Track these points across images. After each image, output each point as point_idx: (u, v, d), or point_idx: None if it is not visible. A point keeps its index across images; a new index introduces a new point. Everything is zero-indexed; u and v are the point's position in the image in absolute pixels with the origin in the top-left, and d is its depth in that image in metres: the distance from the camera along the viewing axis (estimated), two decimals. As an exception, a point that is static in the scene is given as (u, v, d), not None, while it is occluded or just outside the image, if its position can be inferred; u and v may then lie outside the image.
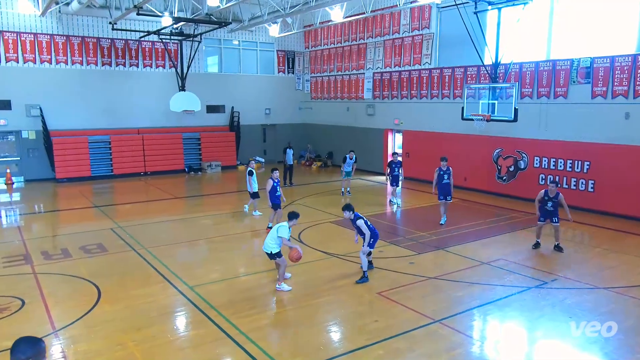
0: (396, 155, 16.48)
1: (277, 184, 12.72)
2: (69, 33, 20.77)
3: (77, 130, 21.23)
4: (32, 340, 3.22)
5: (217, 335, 7.10)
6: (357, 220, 9.33)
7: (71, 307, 8.11)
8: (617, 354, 6.56)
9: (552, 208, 10.88)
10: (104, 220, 14.03)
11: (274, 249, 8.75)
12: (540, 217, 11.11)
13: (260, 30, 25.15)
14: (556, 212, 10.88)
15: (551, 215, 10.92)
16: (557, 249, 10.86)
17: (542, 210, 11.02)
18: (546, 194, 10.89)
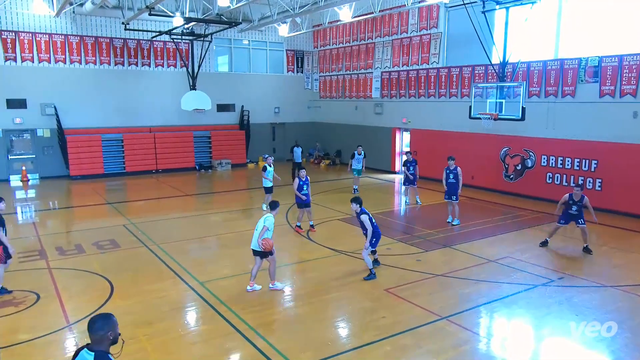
0: (409, 154, 16.17)
1: (302, 182, 12.29)
2: (83, 33, 20.91)
3: (91, 128, 21.39)
4: (106, 316, 3.58)
5: (227, 330, 7.13)
6: (362, 215, 9.19)
7: (85, 301, 8.18)
8: (624, 352, 6.50)
9: (577, 212, 10.59)
10: (116, 217, 14.13)
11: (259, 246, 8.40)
12: (560, 219, 10.85)
13: (270, 30, 25.16)
14: (581, 215, 10.58)
15: (575, 219, 10.63)
16: (586, 251, 10.53)
17: (565, 213, 10.75)
18: (571, 198, 10.61)
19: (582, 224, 10.60)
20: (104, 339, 3.50)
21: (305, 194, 12.34)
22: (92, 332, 3.49)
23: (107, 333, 3.50)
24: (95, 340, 3.50)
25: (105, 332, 3.50)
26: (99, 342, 3.49)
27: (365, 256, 9.19)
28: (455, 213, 13.15)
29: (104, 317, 3.58)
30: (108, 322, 3.54)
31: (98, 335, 3.48)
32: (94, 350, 3.47)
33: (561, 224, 10.87)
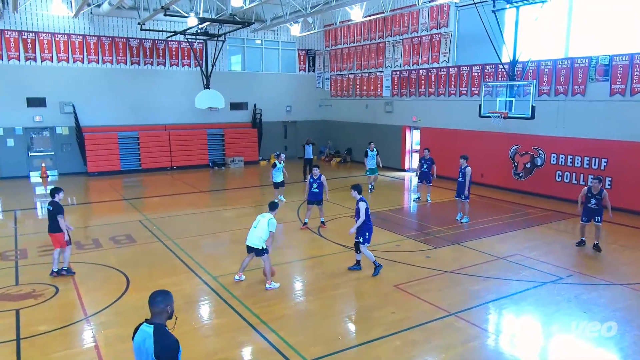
0: (426, 152, 15.87)
1: (312, 180, 12.24)
2: (100, 33, 21.09)
3: (108, 126, 21.59)
4: (165, 292, 3.84)
5: (239, 324, 7.17)
6: (360, 202, 9.06)
7: (102, 294, 8.29)
8: (633, 350, 6.43)
9: (596, 206, 10.36)
10: (132, 213, 14.26)
11: (263, 244, 8.38)
12: (582, 217, 10.63)
13: (282, 30, 25.17)
14: (600, 211, 10.35)
15: (594, 214, 10.40)
16: (596, 248, 10.40)
17: (585, 209, 10.53)
18: (589, 191, 10.44)
19: (599, 222, 10.38)
20: (163, 312, 3.74)
21: (314, 192, 12.28)
22: (153, 306, 3.74)
23: (166, 307, 3.75)
24: (154, 314, 3.74)
25: (165, 306, 3.74)
26: (158, 315, 3.73)
27: (366, 252, 9.11)
28: (464, 211, 13.08)
29: (164, 292, 3.82)
30: (167, 297, 3.79)
31: (158, 309, 3.73)
32: (152, 323, 3.71)
33: (584, 222, 10.62)
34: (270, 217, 8.52)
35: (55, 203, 8.88)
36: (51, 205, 8.88)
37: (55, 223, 8.77)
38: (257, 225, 8.52)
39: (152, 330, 3.67)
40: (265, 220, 8.47)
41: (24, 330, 6.92)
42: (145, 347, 3.65)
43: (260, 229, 8.45)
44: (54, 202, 8.91)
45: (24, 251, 10.59)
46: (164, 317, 3.75)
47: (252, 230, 8.55)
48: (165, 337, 3.66)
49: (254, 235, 8.49)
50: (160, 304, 3.74)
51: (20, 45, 19.57)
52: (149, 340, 3.63)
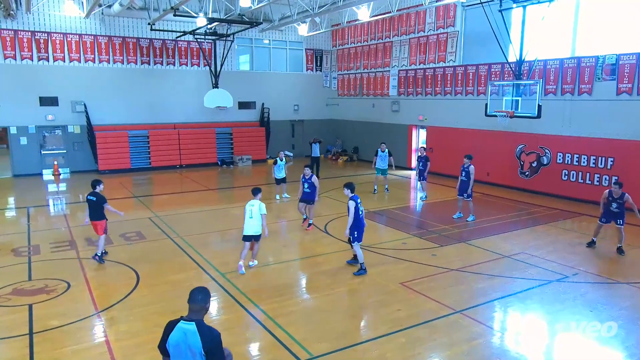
0: (422, 150, 15.91)
1: (304, 180, 12.07)
2: (111, 34, 21.21)
3: (118, 125, 21.72)
4: (205, 289, 3.89)
5: (247, 320, 7.21)
6: (350, 201, 8.93)
7: (112, 290, 8.35)
8: (638, 348, 6.37)
9: (617, 210, 10.14)
10: (142, 210, 14.33)
11: (260, 230, 8.97)
12: (602, 217, 10.43)
13: (290, 30, 25.16)
14: (621, 214, 10.12)
15: (615, 217, 10.18)
16: (619, 252, 10.16)
17: (606, 211, 10.32)
18: (610, 195, 10.21)
19: (620, 224, 10.16)
20: (202, 310, 3.80)
21: (306, 192, 11.98)
22: (194, 303, 3.78)
23: (205, 305, 3.82)
24: (194, 310, 3.77)
25: (205, 304, 3.82)
26: (197, 312, 3.77)
27: (356, 249, 9.06)
28: (468, 210, 13.01)
29: (204, 290, 3.87)
30: (207, 296, 3.85)
31: (199, 306, 3.78)
32: (193, 320, 3.74)
33: (602, 222, 10.42)
34: (259, 203, 9.02)
35: (97, 194, 9.56)
36: (94, 195, 9.54)
37: (97, 211, 9.50)
38: (252, 216, 8.95)
39: (194, 327, 3.71)
40: (256, 208, 8.96)
41: (36, 324, 6.99)
42: (189, 343, 3.69)
43: (255, 217, 8.94)
44: (95, 192, 9.58)
45: (36, 247, 10.68)
46: (203, 313, 3.82)
47: (249, 221, 8.97)
48: (210, 331, 3.76)
49: (251, 225, 8.97)
50: (201, 302, 3.80)
51: (33, 45, 19.73)
52: (194, 337, 3.69)
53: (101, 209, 9.52)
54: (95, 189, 9.64)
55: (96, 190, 9.64)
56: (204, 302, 3.80)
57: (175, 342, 3.75)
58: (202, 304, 3.79)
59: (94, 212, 9.55)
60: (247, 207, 9.08)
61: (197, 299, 3.79)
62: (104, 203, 9.52)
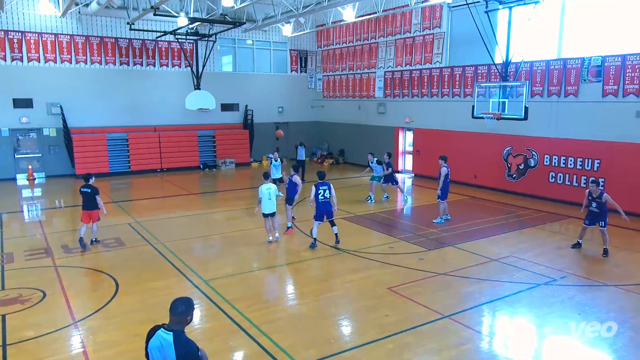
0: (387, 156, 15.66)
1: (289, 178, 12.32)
2: (88, 33, 20.97)
3: (96, 127, 21.45)
4: (188, 300, 3.87)
5: (231, 328, 7.15)
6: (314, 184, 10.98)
7: (90, 298, 8.24)
8: (626, 351, 6.49)
9: (597, 210, 10.30)
10: (121, 215, 14.17)
11: (275, 208, 11.07)
12: (585, 219, 10.62)
13: (274, 30, 25.17)
14: (602, 216, 10.27)
15: (597, 219, 10.35)
16: (604, 253, 10.32)
17: (588, 213, 10.52)
18: (590, 194, 10.42)
19: (602, 226, 10.31)
20: (183, 321, 3.78)
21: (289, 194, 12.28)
22: (176, 314, 3.76)
23: (187, 316, 3.80)
24: (174, 321, 3.76)
25: (186, 315, 3.79)
26: (178, 322, 3.77)
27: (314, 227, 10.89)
28: (439, 212, 13.22)
29: (187, 302, 3.85)
30: (190, 307, 3.83)
31: (180, 317, 3.77)
32: (172, 330, 3.72)
33: (586, 225, 10.61)
34: (273, 186, 11.13)
35: (91, 185, 10.90)
36: (87, 187, 10.87)
37: (91, 202, 10.81)
38: (270, 197, 10.92)
39: (171, 337, 3.69)
40: (273, 190, 11.02)
41: (10, 336, 6.85)
42: (164, 354, 3.69)
43: (273, 198, 10.95)
44: (89, 185, 10.91)
45: (10, 255, 10.48)
46: (184, 325, 3.80)
47: (267, 202, 10.92)
48: (186, 344, 3.72)
49: (270, 205, 10.98)
50: (182, 315, 3.77)
51: (7, 45, 19.41)
52: (169, 349, 3.67)
53: (95, 199, 10.80)
54: (89, 182, 10.96)
55: (89, 182, 10.95)
56: (185, 314, 3.78)
57: (152, 349, 3.76)
58: (183, 317, 3.77)
59: (88, 202, 10.84)
60: (263, 190, 10.90)
61: (178, 311, 3.76)
62: (96, 194, 10.83)
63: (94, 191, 10.85)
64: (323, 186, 10.87)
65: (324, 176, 11.17)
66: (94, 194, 10.82)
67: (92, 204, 10.85)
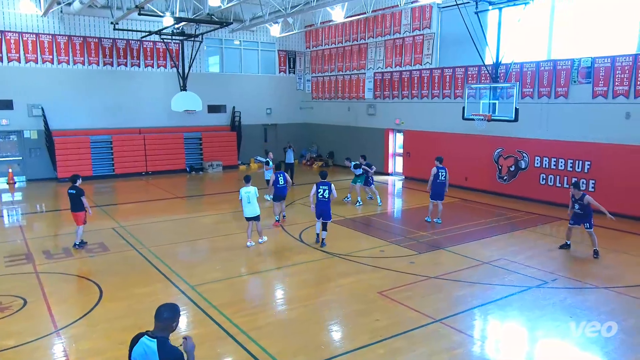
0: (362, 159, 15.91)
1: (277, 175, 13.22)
2: (71, 33, 20.79)
3: (79, 130, 21.24)
4: (174, 307, 3.86)
5: (218, 334, 7.11)
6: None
7: (73, 305, 8.14)
8: (617, 354, 6.57)
9: (580, 211, 10.51)
10: (105, 220, 14.04)
11: (258, 211, 11.08)
12: (570, 220, 10.89)
13: (262, 30, 25.16)
14: (587, 217, 10.48)
15: (581, 220, 10.56)
16: (594, 255, 10.46)
17: (573, 213, 10.75)
18: (572, 196, 10.67)
19: (588, 227, 10.50)
20: (168, 328, 3.76)
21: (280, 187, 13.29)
22: (161, 321, 3.74)
23: (172, 323, 3.78)
24: (159, 328, 3.74)
25: (172, 322, 3.78)
26: (163, 329, 3.75)
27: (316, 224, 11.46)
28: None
29: (173, 308, 3.84)
30: (176, 314, 3.82)
31: (165, 324, 3.75)
32: (155, 337, 3.70)
33: (571, 225, 10.89)
34: (253, 189, 11.08)
35: (77, 187, 10.95)
36: (74, 189, 10.93)
37: (77, 203, 10.90)
38: (250, 201, 10.95)
39: (155, 345, 3.66)
40: (252, 193, 11.00)
41: (-11, 345, 6.75)
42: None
43: (252, 201, 10.95)
44: (75, 186, 10.96)
45: (-11, 261, 10.33)
46: (169, 332, 3.78)
47: (247, 205, 11.00)
48: (171, 352, 3.69)
49: (251, 208, 11.02)
50: (167, 321, 3.75)
51: (-14, 44, 19.18)
52: (153, 356, 3.64)
53: (80, 201, 10.88)
54: (76, 183, 11.00)
55: (76, 184, 10.99)
56: (170, 321, 3.76)
57: (136, 356, 3.73)
58: (168, 323, 3.75)
59: (74, 204, 10.94)
60: (242, 193, 10.99)
61: (163, 318, 3.74)
62: (82, 195, 10.90)
63: (78, 192, 10.91)
64: (323, 186, 11.32)
65: (326, 176, 11.66)
66: (78, 195, 10.89)
67: (77, 206, 10.93)
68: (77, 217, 11.03)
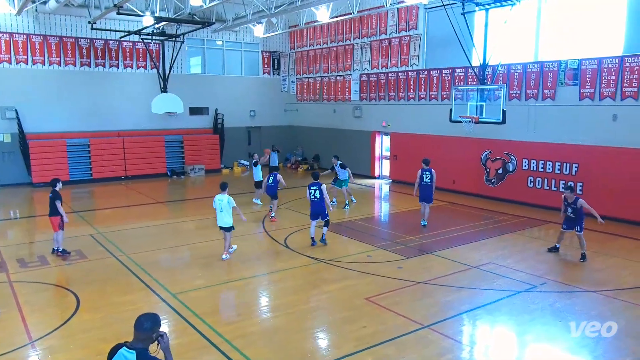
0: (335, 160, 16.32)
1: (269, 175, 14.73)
2: (46, 33, 20.53)
3: (55, 133, 20.96)
4: (154, 316, 3.80)
5: (201, 344, 7.05)
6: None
7: (48, 316, 8.01)
8: (606, 357, 6.66)
9: (573, 215, 10.67)
10: (83, 226, 13.86)
11: (230, 222, 10.54)
12: (563, 224, 10.99)
13: (245, 31, 25.12)
14: (579, 221, 10.63)
15: (573, 224, 10.71)
16: (582, 258, 10.60)
17: (566, 217, 10.88)
18: (565, 200, 10.81)
19: (578, 231, 10.65)
20: (148, 338, 3.72)
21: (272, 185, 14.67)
22: (141, 331, 3.69)
23: (152, 333, 3.73)
24: (138, 339, 3.69)
25: (152, 332, 3.72)
26: (143, 340, 3.70)
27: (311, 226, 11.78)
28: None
29: (153, 318, 3.79)
30: (156, 324, 3.76)
31: (145, 335, 3.70)
32: (134, 348, 3.66)
33: (563, 229, 11.00)
34: (227, 197, 10.50)
35: (54, 191, 10.91)
36: (51, 192, 10.93)
37: (53, 208, 10.82)
38: (222, 209, 10.47)
39: (134, 356, 3.63)
40: (225, 202, 10.45)
41: (-40, 358, 6.60)
42: None
43: (226, 210, 10.46)
44: (53, 190, 10.94)
45: (-40, 271, 10.11)
46: (148, 342, 3.73)
47: (220, 214, 10.53)
48: None
49: (224, 218, 10.52)
50: (147, 331, 3.70)
51: (-44, 44, 18.84)
52: None
53: (54, 204, 10.79)
54: (55, 187, 11.01)
55: (55, 188, 11.00)
56: (150, 331, 3.70)
57: None
58: (148, 333, 3.70)
59: (50, 208, 10.90)
60: (216, 201, 10.58)
61: (144, 328, 3.69)
62: (56, 199, 10.81)
63: (54, 196, 10.87)
64: (314, 186, 11.70)
65: (317, 177, 12.08)
66: (54, 199, 10.84)
67: (52, 211, 10.87)
68: (52, 222, 10.97)
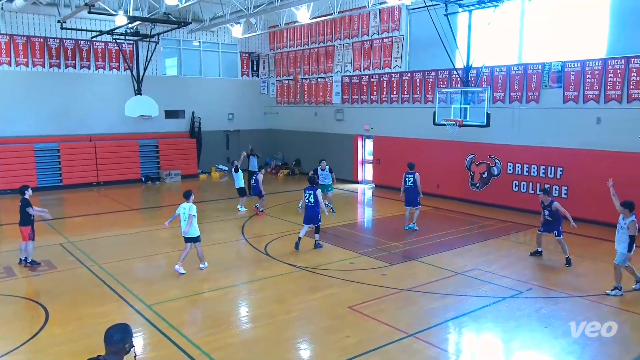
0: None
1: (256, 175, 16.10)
2: (13, 32, 20.18)
3: (22, 137, 20.58)
4: (124, 327, 3.77)
5: (178, 357, 6.98)
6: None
7: (15, 330, 7.85)
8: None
9: (550, 218, 10.93)
10: (52, 235, 13.61)
11: (198, 232, 10.31)
12: (540, 226, 11.29)
13: (222, 31, 25.05)
14: (556, 225, 10.89)
15: (551, 227, 10.97)
16: (567, 263, 10.79)
17: (543, 220, 11.15)
18: (542, 202, 11.10)
19: (557, 235, 10.90)
20: (121, 351, 3.68)
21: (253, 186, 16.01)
22: (111, 344, 3.66)
23: (124, 345, 3.69)
24: (111, 352, 3.66)
25: (123, 344, 3.68)
26: (115, 353, 3.66)
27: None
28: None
29: (123, 328, 3.76)
30: (126, 335, 3.73)
31: (117, 347, 3.66)
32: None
33: (540, 232, 11.29)
34: (189, 205, 10.29)
35: (23, 199, 10.77)
36: (21, 201, 10.77)
37: (23, 216, 10.71)
38: (186, 219, 10.24)
39: None
40: (187, 211, 10.23)
41: None
42: None
43: (187, 220, 10.21)
44: (23, 198, 10.79)
45: None
46: (122, 355, 3.69)
47: (184, 223, 10.29)
48: None
49: (185, 226, 10.27)
50: (118, 343, 3.66)
51: None
52: None
53: (25, 213, 10.67)
54: (24, 195, 10.82)
55: (24, 196, 10.82)
56: (122, 342, 3.67)
57: None
58: (119, 345, 3.66)
59: (21, 217, 10.76)
60: (180, 210, 10.39)
61: (114, 340, 3.65)
62: (25, 207, 10.67)
63: (23, 204, 10.75)
64: (309, 190, 11.92)
65: (313, 181, 12.24)
66: (24, 206, 10.74)
67: (23, 219, 10.77)
68: (22, 231, 10.79)
